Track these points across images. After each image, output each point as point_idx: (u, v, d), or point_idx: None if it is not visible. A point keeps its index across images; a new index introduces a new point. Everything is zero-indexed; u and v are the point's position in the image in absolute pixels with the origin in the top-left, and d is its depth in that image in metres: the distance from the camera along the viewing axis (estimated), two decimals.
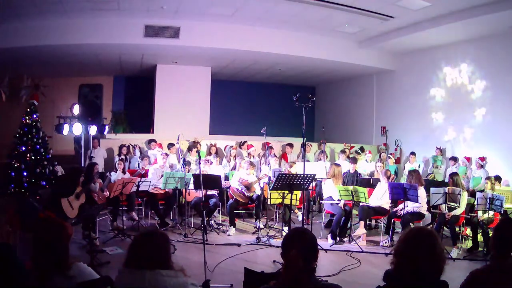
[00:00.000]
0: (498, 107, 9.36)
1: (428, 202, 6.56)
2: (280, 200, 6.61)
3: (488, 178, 6.89)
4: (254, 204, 7.32)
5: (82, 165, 8.51)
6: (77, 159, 9.60)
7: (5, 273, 2.11)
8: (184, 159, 8.14)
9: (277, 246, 5.81)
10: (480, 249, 6.08)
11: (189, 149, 8.93)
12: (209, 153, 9.56)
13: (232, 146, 9.99)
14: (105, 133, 9.86)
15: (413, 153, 10.15)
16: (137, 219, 7.31)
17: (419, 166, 9.73)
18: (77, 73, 13.33)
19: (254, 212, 7.65)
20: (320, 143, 11.30)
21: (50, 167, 8.11)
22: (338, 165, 7.34)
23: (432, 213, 6.93)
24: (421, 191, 6.30)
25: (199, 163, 5.74)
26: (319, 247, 2.23)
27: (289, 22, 9.62)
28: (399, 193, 6.29)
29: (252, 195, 7.21)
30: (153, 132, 11.83)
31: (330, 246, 6.20)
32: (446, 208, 6.28)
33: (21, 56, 9.88)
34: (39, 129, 8.09)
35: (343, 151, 10.13)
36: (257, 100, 15.55)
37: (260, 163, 9.43)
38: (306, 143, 6.59)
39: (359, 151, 11.14)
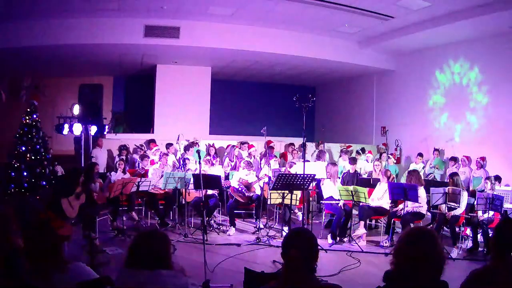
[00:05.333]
0: (498, 107, 9.36)
1: (428, 202, 6.56)
2: (280, 200, 6.61)
3: (488, 178, 6.90)
4: (254, 204, 7.32)
5: (82, 165, 8.52)
6: (77, 159, 9.59)
7: (6, 274, 2.12)
8: (184, 159, 8.14)
9: (277, 246, 5.81)
10: (480, 249, 6.09)
11: (186, 149, 8.94)
12: (208, 154, 9.56)
13: (234, 146, 9.99)
14: (105, 133, 9.86)
15: (420, 154, 10.13)
16: (137, 219, 7.31)
17: (423, 168, 9.71)
18: (77, 73, 13.32)
19: (254, 212, 7.65)
20: (318, 143, 11.31)
21: (50, 167, 8.10)
22: (334, 164, 7.36)
23: (432, 213, 6.93)
24: (421, 191, 6.31)
25: (199, 163, 5.73)
26: (319, 247, 2.23)
27: (289, 22, 9.62)
28: (399, 193, 6.29)
29: (252, 195, 7.21)
30: (153, 132, 11.83)
31: (330, 246, 6.20)
32: (446, 208, 6.28)
33: (21, 56, 9.88)
34: (39, 129, 8.08)
35: (345, 151, 10.13)
36: (257, 100, 15.54)
37: (260, 163, 9.43)
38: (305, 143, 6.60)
39: (360, 151, 11.13)
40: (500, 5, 7.59)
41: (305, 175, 5.89)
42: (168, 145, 9.43)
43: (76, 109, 9.54)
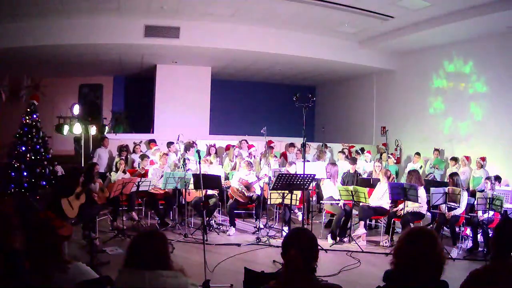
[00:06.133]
0: (498, 106, 9.37)
1: (428, 202, 6.56)
2: (280, 200, 6.60)
3: (488, 178, 6.90)
4: (254, 204, 7.32)
5: (82, 165, 8.52)
6: (77, 159, 9.59)
7: (6, 274, 2.12)
8: (184, 159, 8.13)
9: (277, 246, 5.81)
10: (480, 249, 6.09)
11: (186, 149, 8.95)
12: (209, 153, 9.56)
13: (233, 146, 9.98)
14: (105, 133, 9.86)
15: (417, 154, 10.13)
16: (137, 219, 7.31)
17: (420, 167, 9.71)
18: (77, 73, 13.33)
19: (254, 212, 7.66)
20: (322, 145, 11.30)
21: (50, 167, 8.09)
22: (334, 164, 7.35)
23: (432, 213, 6.93)
24: (421, 191, 6.31)
25: (199, 163, 5.73)
26: (319, 247, 2.23)
27: (289, 22, 9.62)
28: (399, 193, 6.29)
29: (252, 195, 7.21)
30: (153, 132, 11.84)
31: (330, 246, 6.20)
32: (446, 208, 6.28)
33: (21, 56, 9.88)
34: (39, 129, 8.08)
35: (341, 151, 10.13)
36: (257, 100, 15.55)
37: (260, 162, 9.42)
38: (306, 143, 6.60)
39: (360, 151, 11.12)
40: (499, 5, 7.60)
41: (305, 175, 5.89)
42: (169, 144, 9.43)
43: (76, 109, 9.55)
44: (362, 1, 8.15)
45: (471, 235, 6.30)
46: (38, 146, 7.92)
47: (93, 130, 9.46)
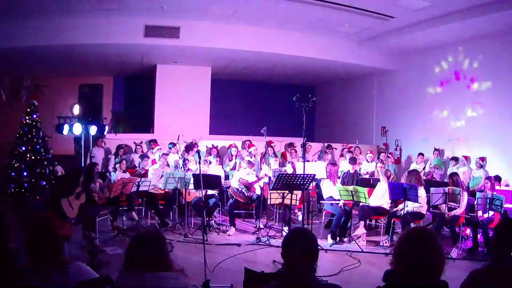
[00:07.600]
0: (498, 107, 9.37)
1: (428, 202, 6.56)
2: (280, 200, 6.60)
3: (488, 178, 6.89)
4: (254, 204, 7.32)
5: (82, 165, 8.52)
6: (77, 159, 9.59)
7: (6, 274, 2.12)
8: (184, 159, 8.14)
9: (277, 246, 5.80)
10: (480, 249, 6.08)
11: (187, 150, 8.94)
12: (209, 154, 9.55)
13: (233, 145, 9.98)
14: (105, 133, 9.86)
15: (421, 154, 10.12)
16: (137, 219, 7.31)
17: (424, 168, 9.70)
18: (77, 73, 13.33)
19: (254, 212, 7.65)
20: (324, 145, 11.29)
21: (50, 167, 8.09)
22: (334, 164, 7.35)
23: (432, 213, 6.93)
24: (421, 191, 6.30)
25: (199, 163, 5.73)
26: (319, 247, 2.23)
27: (289, 22, 9.62)
28: (399, 193, 6.28)
29: (252, 195, 7.21)
30: (153, 132, 11.84)
31: (330, 246, 6.20)
32: (446, 208, 6.28)
33: (21, 56, 9.88)
34: (39, 129, 8.08)
35: (343, 155, 10.11)
36: (257, 100, 15.53)
37: (260, 162, 9.43)
38: (306, 143, 6.60)
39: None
40: (500, 5, 7.60)
41: (305, 175, 5.89)
42: (172, 145, 9.44)
43: (76, 109, 9.54)
44: (362, 1, 8.15)
45: (471, 235, 6.30)
46: (38, 146, 7.92)
47: (93, 130, 9.45)
